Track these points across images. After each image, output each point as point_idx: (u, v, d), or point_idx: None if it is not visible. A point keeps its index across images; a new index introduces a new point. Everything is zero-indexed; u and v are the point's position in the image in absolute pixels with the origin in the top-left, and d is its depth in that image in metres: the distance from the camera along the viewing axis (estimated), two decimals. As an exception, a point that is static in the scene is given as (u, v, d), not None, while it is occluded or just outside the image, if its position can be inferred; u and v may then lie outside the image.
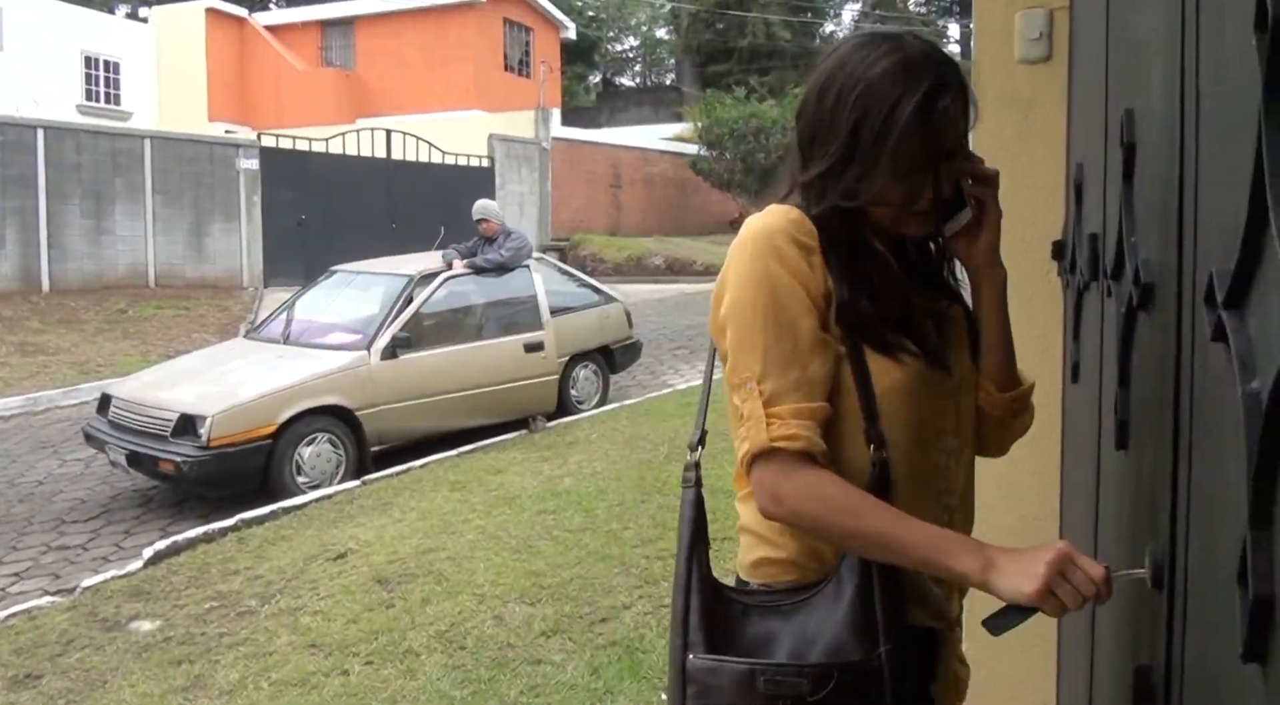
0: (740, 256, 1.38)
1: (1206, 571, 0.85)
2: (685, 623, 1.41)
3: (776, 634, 1.38)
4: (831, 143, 1.38)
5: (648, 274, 20.14)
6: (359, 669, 4.00)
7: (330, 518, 6.16)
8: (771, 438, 1.31)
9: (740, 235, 1.40)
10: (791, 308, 1.34)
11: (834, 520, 1.32)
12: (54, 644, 4.47)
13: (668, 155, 26.95)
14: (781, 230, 1.37)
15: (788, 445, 1.31)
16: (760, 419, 1.32)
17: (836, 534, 1.35)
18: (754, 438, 1.32)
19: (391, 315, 7.87)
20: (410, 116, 24.02)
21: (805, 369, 1.34)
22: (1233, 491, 0.72)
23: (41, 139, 14.47)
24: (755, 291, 1.35)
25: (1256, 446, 0.62)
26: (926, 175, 1.37)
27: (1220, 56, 0.83)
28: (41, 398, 10.31)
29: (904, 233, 1.46)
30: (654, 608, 4.35)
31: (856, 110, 1.35)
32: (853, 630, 1.35)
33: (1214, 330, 0.73)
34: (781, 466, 1.31)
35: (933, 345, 1.44)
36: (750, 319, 1.35)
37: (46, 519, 6.70)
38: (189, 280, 16.12)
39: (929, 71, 1.35)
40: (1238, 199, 0.67)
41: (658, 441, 7.30)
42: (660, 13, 43.55)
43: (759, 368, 1.33)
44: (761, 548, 1.46)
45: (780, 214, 1.39)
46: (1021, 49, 2.56)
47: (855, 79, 1.36)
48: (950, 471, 1.48)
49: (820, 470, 1.33)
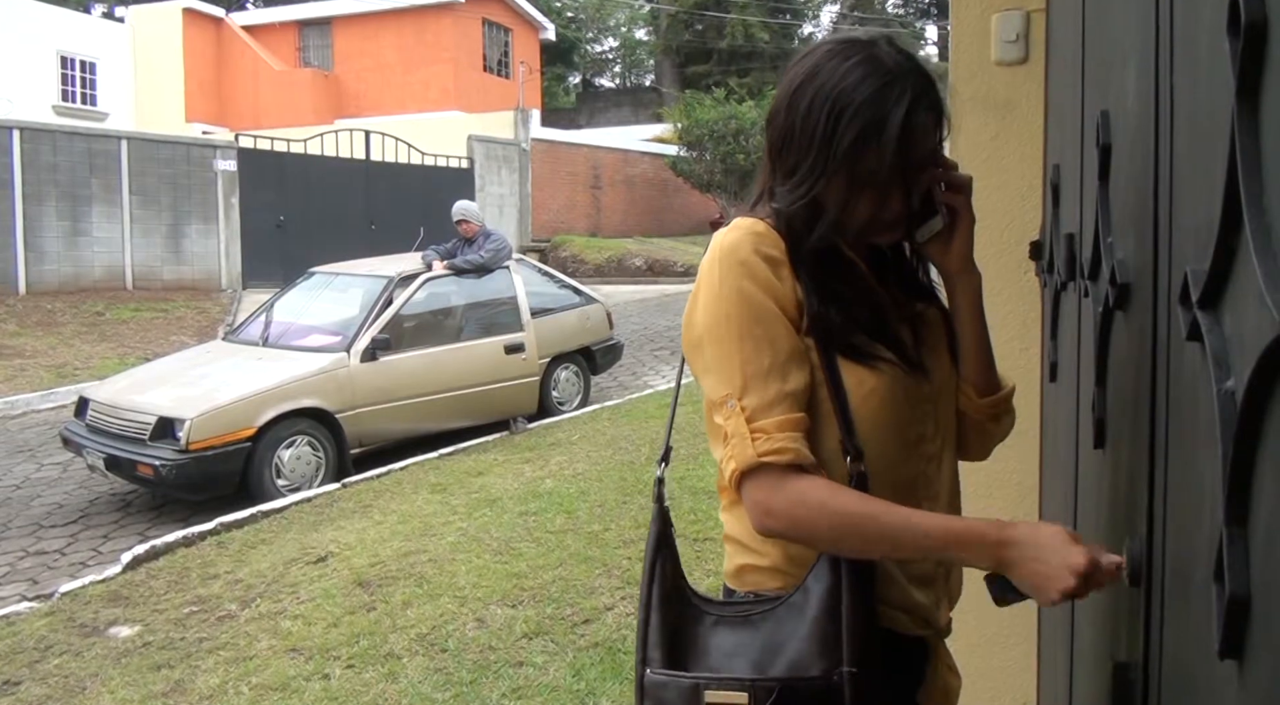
0: (710, 275, 1.37)
1: (1183, 568, 0.86)
2: (644, 638, 1.41)
3: (743, 646, 1.37)
4: (801, 152, 1.37)
5: (628, 275, 20.14)
6: (340, 673, 3.99)
7: (310, 521, 6.13)
8: (759, 453, 1.29)
9: (708, 254, 1.39)
10: (766, 322, 1.33)
11: (832, 526, 1.30)
12: (32, 650, 4.44)
13: (648, 156, 26.94)
14: (748, 245, 1.35)
15: (776, 459, 1.29)
16: (745, 436, 1.30)
17: (837, 538, 1.32)
18: (740, 455, 1.30)
19: (371, 317, 7.85)
20: (389, 117, 23.94)
21: (785, 382, 1.32)
22: (1209, 489, 0.72)
23: (17, 140, 14.34)
24: (728, 309, 1.34)
25: (1231, 445, 0.63)
26: (896, 187, 1.36)
27: (1194, 59, 0.83)
28: (18, 401, 10.23)
29: (874, 241, 1.45)
30: (635, 609, 4.34)
31: (827, 121, 1.33)
32: (816, 644, 1.32)
33: (1189, 330, 0.74)
34: (771, 481, 1.29)
35: (909, 350, 1.43)
36: (725, 336, 1.33)
37: (24, 524, 6.65)
38: (166, 282, 16.01)
39: (902, 84, 1.33)
40: (1212, 199, 0.68)
41: (639, 442, 7.30)
42: (639, 14, 43.54)
43: (739, 384, 1.32)
44: (744, 555, 1.45)
45: (745, 228, 1.38)
46: (998, 51, 2.58)
47: (827, 89, 1.34)
48: (932, 477, 1.47)
49: (811, 478, 1.31)
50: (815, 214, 1.36)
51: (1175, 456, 0.92)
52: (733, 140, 23.41)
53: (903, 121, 1.31)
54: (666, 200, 27.08)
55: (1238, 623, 0.63)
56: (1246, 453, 0.62)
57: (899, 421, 1.40)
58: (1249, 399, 0.60)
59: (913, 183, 1.37)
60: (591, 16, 44.39)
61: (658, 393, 9.57)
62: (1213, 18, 0.72)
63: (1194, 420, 0.81)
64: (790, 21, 38.39)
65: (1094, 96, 1.56)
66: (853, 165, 1.33)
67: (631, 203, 26.43)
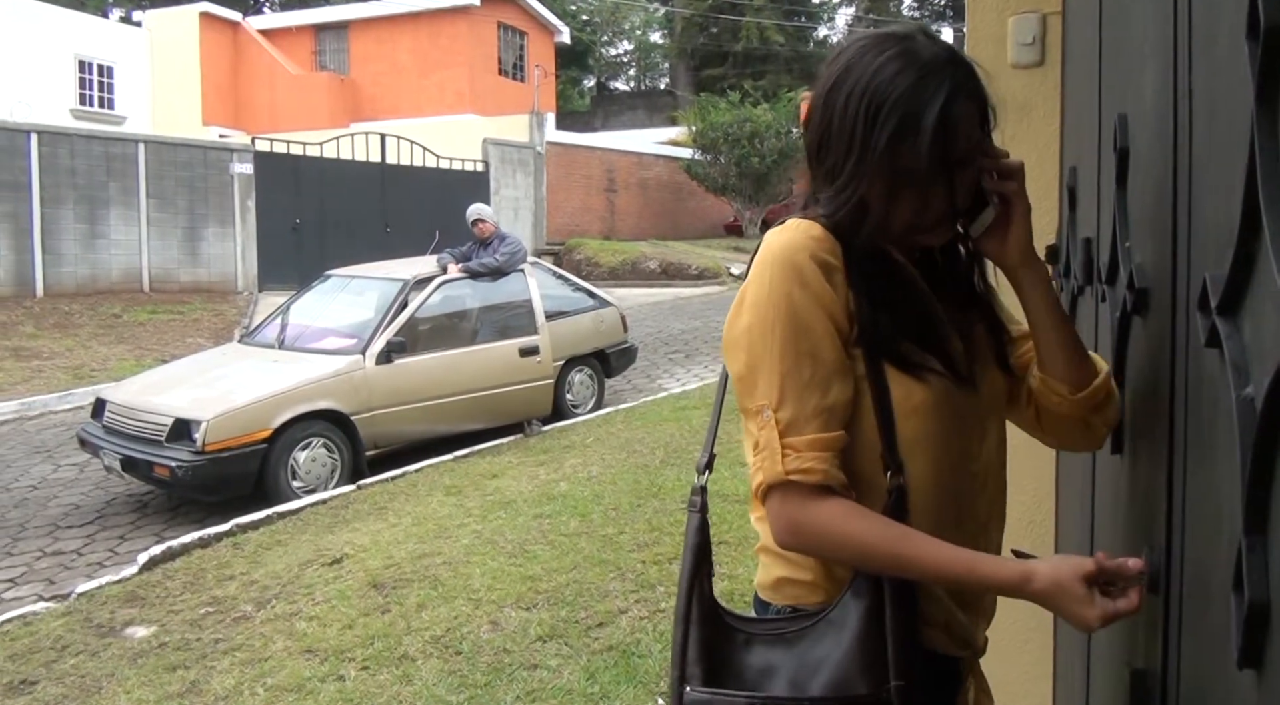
0: (761, 277, 1.31)
1: (1202, 577, 0.85)
2: (684, 654, 1.38)
3: (778, 665, 1.34)
4: (840, 153, 1.32)
5: (642, 278, 20.15)
6: (355, 674, 3.99)
7: (325, 523, 6.15)
8: (786, 471, 1.25)
9: (760, 254, 1.33)
10: (813, 332, 1.28)
11: (854, 555, 1.28)
12: (49, 650, 4.46)
13: (662, 159, 26.96)
14: (804, 248, 1.29)
15: (803, 479, 1.25)
16: (775, 450, 1.26)
17: (859, 564, 1.30)
18: (768, 469, 1.27)
19: (386, 319, 7.87)
20: (405, 121, 24.01)
21: (825, 396, 1.28)
22: (1227, 497, 0.72)
23: (35, 143, 14.44)
24: (775, 315, 1.28)
25: (1250, 452, 0.62)
26: (939, 184, 1.29)
27: (1213, 62, 0.83)
28: (35, 402, 10.28)
29: (922, 243, 1.39)
30: (650, 612, 4.34)
31: (864, 119, 1.28)
32: (860, 662, 1.29)
33: (1208, 336, 0.74)
34: (797, 499, 1.26)
35: (959, 362, 1.37)
36: (769, 344, 1.28)
37: (41, 524, 6.69)
38: (183, 284, 16.10)
39: (939, 75, 1.28)
40: (1231, 204, 0.67)
41: (653, 446, 7.29)
42: (654, 17, 43.59)
43: (776, 395, 1.27)
44: (782, 567, 1.41)
45: (802, 230, 1.31)
46: (1014, 54, 2.57)
47: (862, 86, 1.29)
48: (976, 497, 1.41)
49: (838, 501, 1.27)
50: (860, 216, 1.31)
51: (1194, 463, 0.91)
52: (747, 143, 23.40)
53: (940, 114, 1.26)
54: (681, 203, 27.09)
55: (1257, 632, 0.62)
56: (1266, 460, 0.61)
57: (944, 436, 1.34)
58: (1269, 406, 0.59)
59: (958, 179, 1.31)
60: (606, 19, 44.43)
61: (671, 396, 9.56)
62: (1232, 21, 0.71)
63: (1213, 427, 0.80)
64: (805, 24, 38.37)
65: (1111, 99, 1.55)
66: (892, 163, 1.28)
67: (646, 206, 26.44)
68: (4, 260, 14.15)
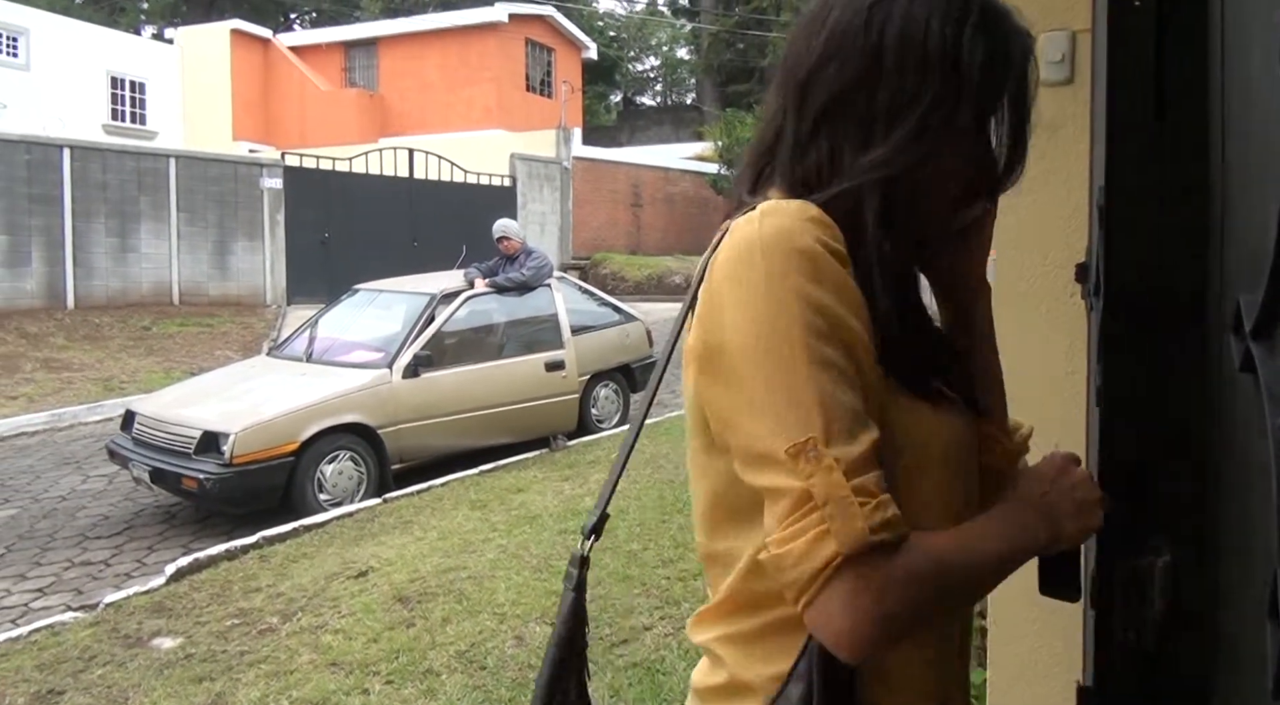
0: (747, 274, 0.92)
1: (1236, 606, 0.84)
2: None
3: None
4: (912, 80, 0.96)
5: (668, 292, 20.18)
6: (379, 688, 4.00)
7: (351, 536, 6.17)
8: (871, 528, 0.85)
9: (732, 250, 0.94)
10: (844, 339, 0.91)
11: (958, 586, 0.95)
12: (76, 660, 4.49)
13: (688, 174, 27.05)
14: (807, 232, 0.92)
15: (890, 535, 0.86)
16: (847, 500, 0.85)
17: (965, 600, 1.06)
18: (846, 531, 0.85)
19: (413, 333, 7.90)
20: (433, 136, 24.20)
21: (871, 425, 0.91)
22: (1262, 524, 0.71)
23: (67, 158, 14.65)
24: (785, 318, 0.89)
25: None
26: (986, 125, 1.02)
27: (1247, 78, 0.82)
28: (65, 414, 10.39)
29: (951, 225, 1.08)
30: (674, 629, 4.33)
31: (952, 32, 0.96)
32: None
33: (1242, 361, 0.73)
34: (884, 565, 0.86)
35: (966, 386, 1.09)
36: (782, 358, 0.89)
37: (70, 535, 6.74)
38: (212, 298, 16.26)
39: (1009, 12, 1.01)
40: (1266, 224, 0.67)
41: (678, 461, 7.28)
42: (681, 33, 43.75)
43: (819, 424, 0.87)
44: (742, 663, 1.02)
45: (793, 213, 0.94)
46: (1044, 71, 2.55)
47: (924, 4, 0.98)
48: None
49: (910, 541, 0.89)
50: (909, 186, 0.99)
51: (1226, 489, 0.90)
52: (774, 159, 23.40)
53: (1024, 49, 1.01)
54: (707, 218, 27.11)
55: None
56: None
57: (955, 479, 1.03)
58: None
59: (1015, 137, 1.04)
60: (634, 35, 44.67)
61: (697, 411, 9.54)
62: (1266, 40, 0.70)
63: (1245, 453, 0.79)
64: (832, 40, 38.33)
65: (1142, 118, 1.54)
66: (983, 100, 0.98)
67: (671, 221, 26.50)
68: (36, 273, 14.34)
